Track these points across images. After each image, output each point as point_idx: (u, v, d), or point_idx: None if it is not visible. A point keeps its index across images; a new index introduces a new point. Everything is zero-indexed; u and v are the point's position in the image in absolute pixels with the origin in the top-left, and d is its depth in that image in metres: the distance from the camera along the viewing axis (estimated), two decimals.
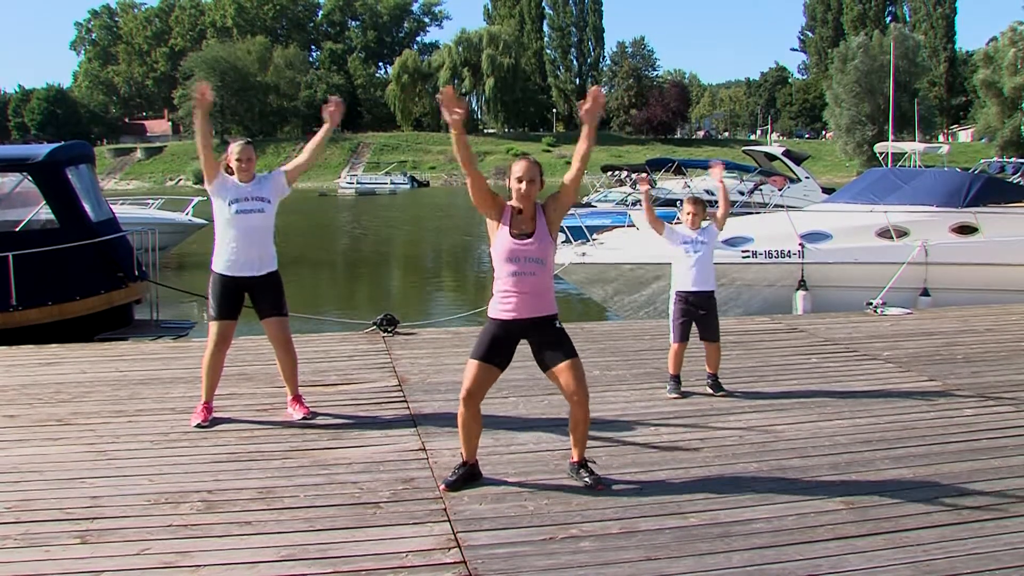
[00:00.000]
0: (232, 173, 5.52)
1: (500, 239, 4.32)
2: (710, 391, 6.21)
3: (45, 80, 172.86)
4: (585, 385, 4.37)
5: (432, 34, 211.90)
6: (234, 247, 5.46)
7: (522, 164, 4.33)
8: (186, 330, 9.91)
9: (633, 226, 14.37)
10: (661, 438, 5.26)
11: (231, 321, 5.56)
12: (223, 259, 5.49)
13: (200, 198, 5.40)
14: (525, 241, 4.30)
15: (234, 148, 5.52)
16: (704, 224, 6.31)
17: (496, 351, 4.35)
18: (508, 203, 4.35)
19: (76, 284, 8.94)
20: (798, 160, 28.12)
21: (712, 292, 6.27)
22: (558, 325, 4.40)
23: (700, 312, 6.21)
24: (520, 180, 4.28)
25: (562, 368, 4.34)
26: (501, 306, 4.35)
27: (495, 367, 4.37)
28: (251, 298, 5.59)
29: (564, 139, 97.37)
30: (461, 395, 4.37)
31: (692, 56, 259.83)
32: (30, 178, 9.15)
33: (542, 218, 4.35)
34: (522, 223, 4.31)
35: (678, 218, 13.52)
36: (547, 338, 4.37)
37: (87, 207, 9.36)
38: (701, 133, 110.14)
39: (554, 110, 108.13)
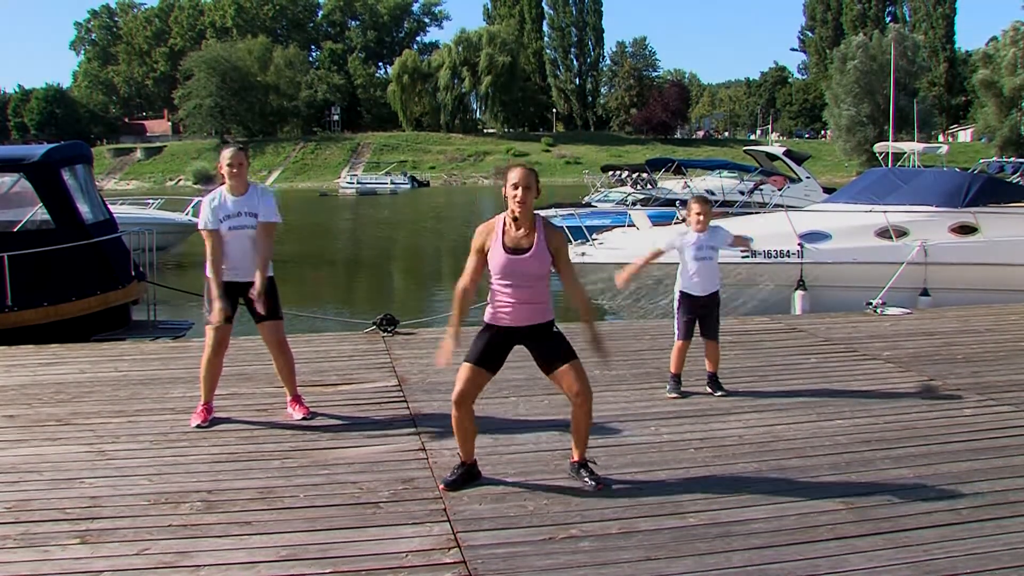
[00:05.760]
0: (224, 181, 5.52)
1: (495, 253, 4.23)
2: (710, 391, 6.21)
3: (45, 80, 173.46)
4: (588, 384, 4.35)
5: (432, 34, 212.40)
6: (228, 259, 5.45)
7: (518, 171, 4.23)
8: (184, 330, 9.86)
9: (633, 226, 14.37)
10: (661, 438, 5.26)
11: (227, 323, 5.55)
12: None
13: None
14: (521, 257, 4.22)
15: (226, 154, 5.53)
16: (712, 224, 6.28)
17: (490, 355, 4.33)
18: (498, 220, 4.28)
19: (72, 285, 8.92)
20: (799, 160, 28.17)
21: (717, 291, 6.28)
22: (555, 330, 4.37)
23: (703, 310, 6.22)
24: (516, 187, 4.18)
25: (564, 370, 4.31)
26: (496, 314, 4.31)
27: (487, 371, 4.35)
28: (246, 301, 5.59)
29: (563, 139, 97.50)
30: (453, 398, 4.33)
31: (692, 56, 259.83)
32: (26, 178, 9.14)
33: (542, 235, 4.24)
34: (518, 237, 4.23)
35: (679, 217, 13.63)
36: (545, 343, 4.35)
37: (83, 208, 9.34)
38: (701, 133, 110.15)
39: (554, 110, 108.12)
